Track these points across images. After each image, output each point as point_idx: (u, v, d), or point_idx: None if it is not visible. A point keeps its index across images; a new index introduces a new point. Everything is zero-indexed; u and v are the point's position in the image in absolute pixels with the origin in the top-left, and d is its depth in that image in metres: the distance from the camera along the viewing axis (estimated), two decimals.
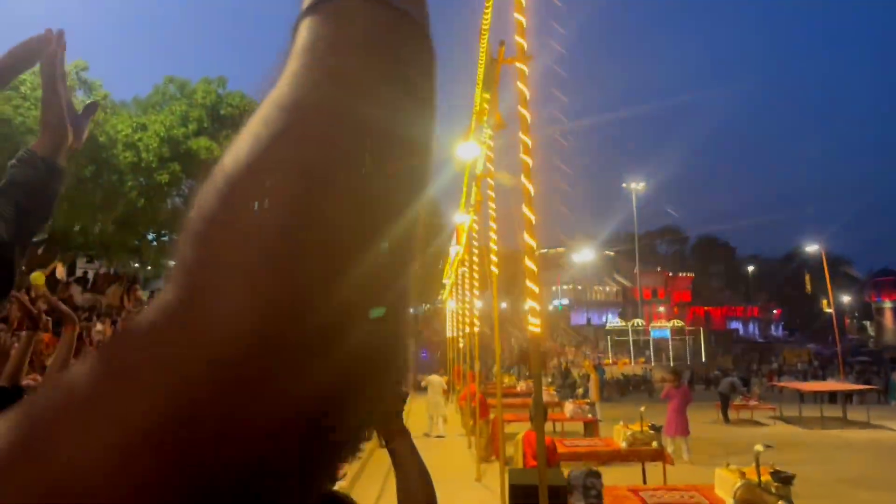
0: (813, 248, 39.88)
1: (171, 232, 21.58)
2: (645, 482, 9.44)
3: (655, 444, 9.96)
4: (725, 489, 6.09)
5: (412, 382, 27.89)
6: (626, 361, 53.62)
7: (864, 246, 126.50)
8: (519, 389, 22.97)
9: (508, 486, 5.19)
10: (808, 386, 26.82)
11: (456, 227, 15.66)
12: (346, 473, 9.98)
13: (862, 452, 14.62)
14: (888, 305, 75.99)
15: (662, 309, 77.61)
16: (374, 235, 0.30)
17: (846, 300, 73.41)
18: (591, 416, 15.25)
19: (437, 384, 17.67)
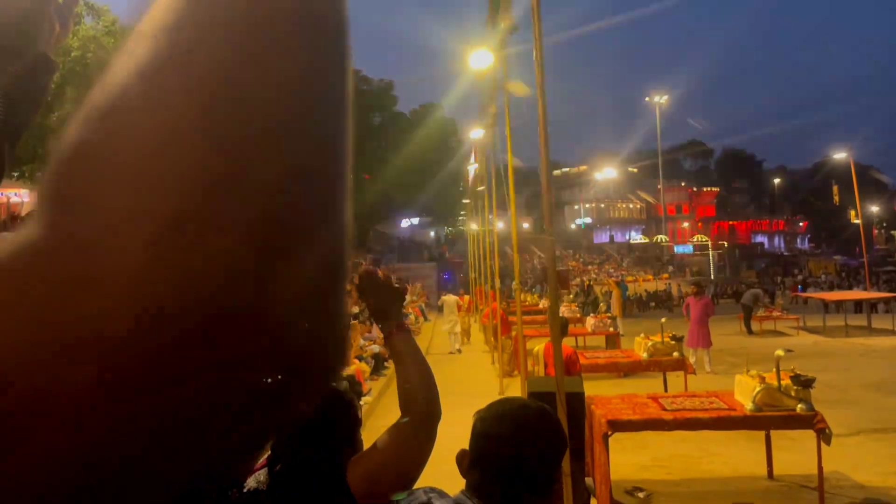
0: (841, 156, 38.87)
1: None
2: (666, 391, 9.55)
3: (676, 354, 10.01)
4: (745, 394, 6.12)
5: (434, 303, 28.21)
6: (648, 278, 53.68)
7: (893, 155, 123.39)
8: (541, 307, 23.10)
9: (527, 394, 5.25)
10: (832, 295, 26.69)
11: (473, 144, 15.45)
12: (370, 389, 10.22)
13: (885, 359, 14.62)
14: None
15: (686, 225, 77.07)
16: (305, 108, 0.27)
17: (875, 210, 72.13)
18: (612, 329, 15.33)
19: (451, 303, 18.46)
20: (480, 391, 11.42)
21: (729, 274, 59.76)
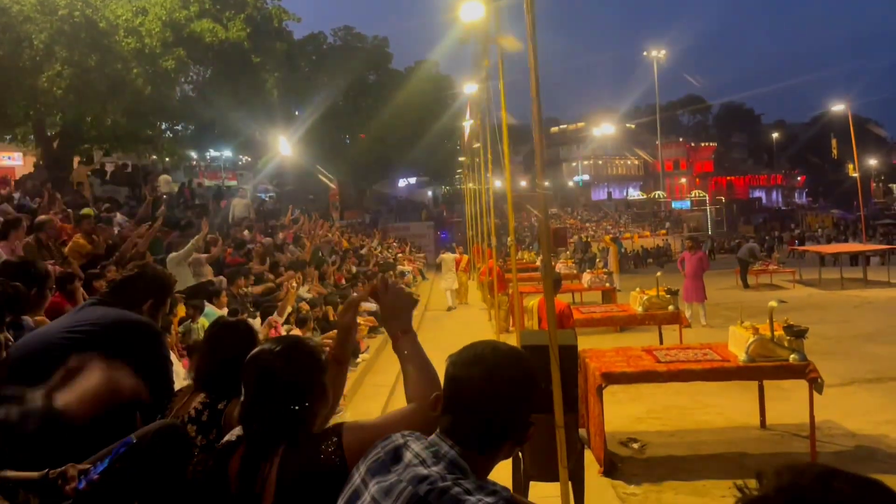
0: (839, 108, 38.54)
1: (183, 121, 21.31)
2: (661, 345, 9.61)
3: (672, 307, 10.05)
4: (738, 345, 6.15)
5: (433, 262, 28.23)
6: (646, 234, 53.67)
7: (893, 108, 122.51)
8: (538, 264, 23.14)
9: (520, 347, 5.28)
10: (828, 248, 26.75)
11: (468, 99, 15.28)
12: (367, 347, 10.28)
13: (880, 310, 14.72)
14: None
15: (684, 180, 76.83)
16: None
17: (872, 164, 71.82)
18: (608, 285, 15.38)
19: (449, 260, 18.79)
20: None
21: (726, 229, 59.79)
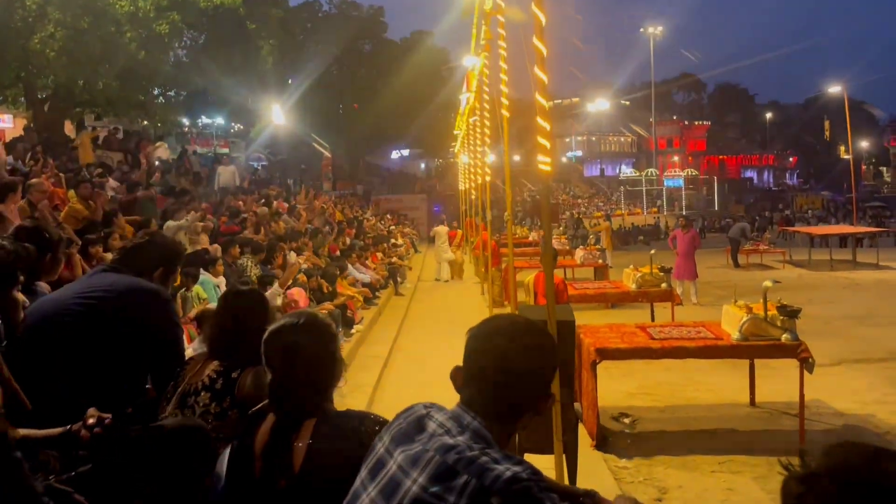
0: (835, 90, 38.53)
1: (176, 87, 21.05)
2: (653, 322, 9.69)
3: (664, 285, 10.13)
4: (732, 324, 6.22)
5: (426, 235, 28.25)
6: (637, 211, 53.79)
7: (887, 89, 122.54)
8: (531, 239, 23.22)
9: None
10: (818, 230, 26.92)
11: (466, 73, 15.16)
12: (362, 318, 10.32)
13: (868, 292, 14.87)
14: None
15: (677, 158, 76.84)
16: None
17: (864, 146, 71.99)
18: (601, 261, 15.45)
19: (442, 233, 18.89)
20: (470, 320, 11.56)
21: (717, 208, 59.99)
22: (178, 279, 6.55)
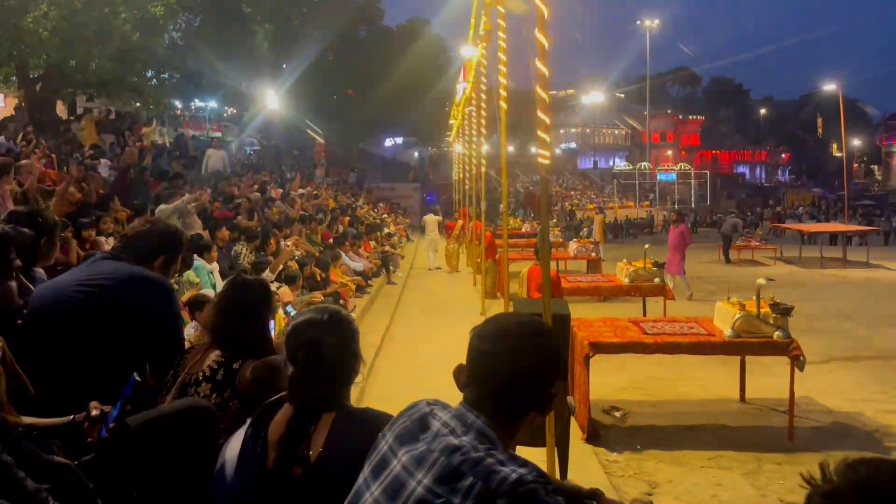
0: (830, 87, 38.65)
1: (170, 70, 20.87)
2: (645, 316, 9.74)
3: (657, 280, 10.16)
4: (724, 320, 6.26)
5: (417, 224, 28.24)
6: (630, 205, 53.88)
7: (881, 87, 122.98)
8: (524, 230, 23.22)
9: None
10: (809, 227, 27.07)
11: (463, 63, 15.12)
12: (354, 306, 10.32)
13: (858, 290, 14.98)
14: None
15: (670, 152, 76.90)
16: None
17: (856, 144, 72.28)
18: (594, 254, 15.48)
19: (432, 222, 19.09)
20: (462, 310, 11.60)
21: (709, 203, 60.18)
22: (178, 268, 6.52)
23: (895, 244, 28.97)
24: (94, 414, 1.93)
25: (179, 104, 30.96)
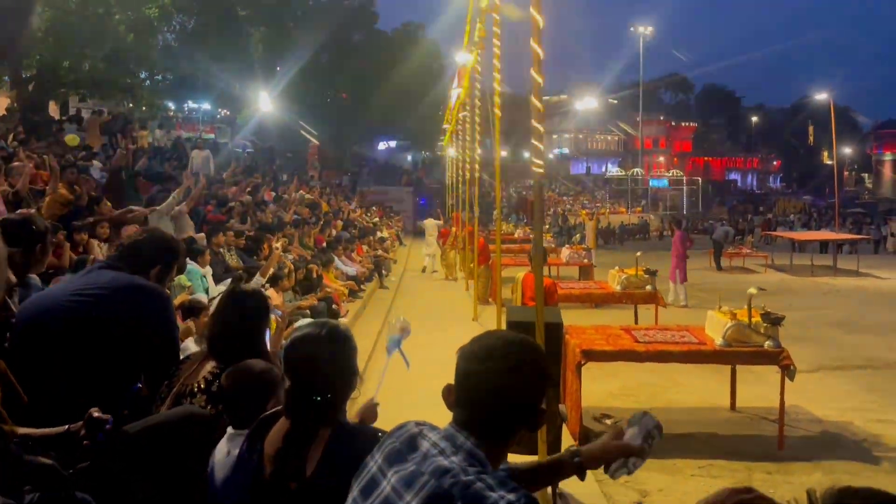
0: (821, 95, 38.91)
1: (163, 71, 20.83)
2: (637, 323, 9.76)
3: (649, 287, 10.20)
4: (716, 329, 6.29)
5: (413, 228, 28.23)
6: (622, 210, 53.98)
7: (872, 96, 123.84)
8: (517, 236, 23.27)
9: (506, 323, 5.32)
10: (800, 235, 27.21)
11: (458, 68, 15.14)
12: (347, 311, 10.31)
13: (848, 298, 15.06)
14: (889, 158, 75.58)
15: (662, 159, 77.24)
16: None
17: (847, 152, 72.74)
18: (586, 261, 15.52)
19: (430, 226, 19.06)
20: (455, 316, 11.60)
21: (701, 209, 60.42)
22: (174, 275, 6.49)
23: (885, 252, 29.09)
24: (95, 416, 1.92)
25: (173, 106, 30.88)
